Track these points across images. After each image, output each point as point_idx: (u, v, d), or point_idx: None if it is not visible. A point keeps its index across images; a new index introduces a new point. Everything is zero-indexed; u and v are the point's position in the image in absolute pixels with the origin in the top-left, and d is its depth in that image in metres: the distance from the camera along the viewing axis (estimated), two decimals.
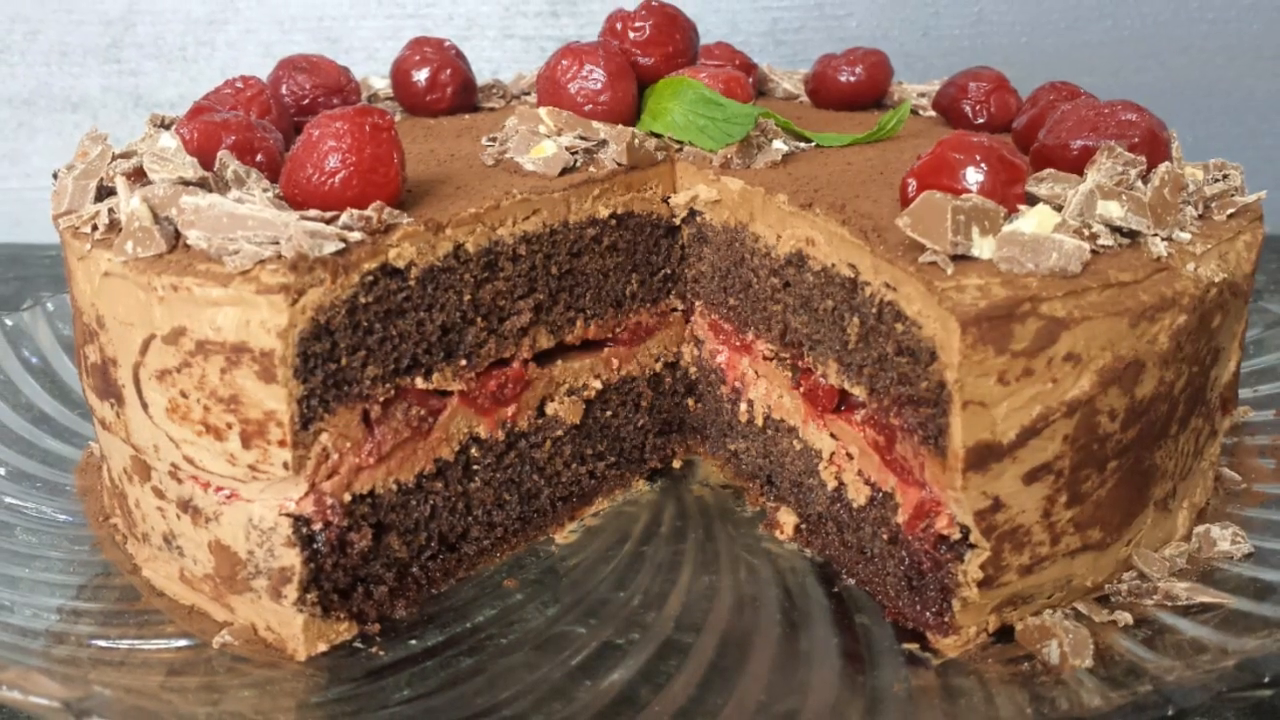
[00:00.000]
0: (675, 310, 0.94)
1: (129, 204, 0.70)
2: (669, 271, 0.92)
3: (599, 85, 0.89)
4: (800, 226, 0.79)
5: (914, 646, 0.72)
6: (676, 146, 0.90)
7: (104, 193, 0.76)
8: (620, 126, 0.87)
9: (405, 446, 0.76)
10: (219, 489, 0.71)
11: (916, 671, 0.69)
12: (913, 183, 0.70)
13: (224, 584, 0.73)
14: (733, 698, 0.67)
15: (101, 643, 0.71)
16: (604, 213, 0.85)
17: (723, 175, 0.86)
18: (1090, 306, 0.64)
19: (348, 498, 0.73)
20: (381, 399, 0.73)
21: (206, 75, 1.59)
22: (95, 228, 0.73)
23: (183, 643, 0.72)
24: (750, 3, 1.57)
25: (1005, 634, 0.71)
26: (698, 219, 0.90)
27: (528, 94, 1.09)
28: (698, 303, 0.94)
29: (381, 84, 1.07)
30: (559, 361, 0.87)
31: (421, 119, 1.01)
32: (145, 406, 0.71)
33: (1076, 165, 0.73)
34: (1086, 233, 0.67)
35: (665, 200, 0.90)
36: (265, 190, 0.71)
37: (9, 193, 1.68)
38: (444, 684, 0.69)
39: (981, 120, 0.96)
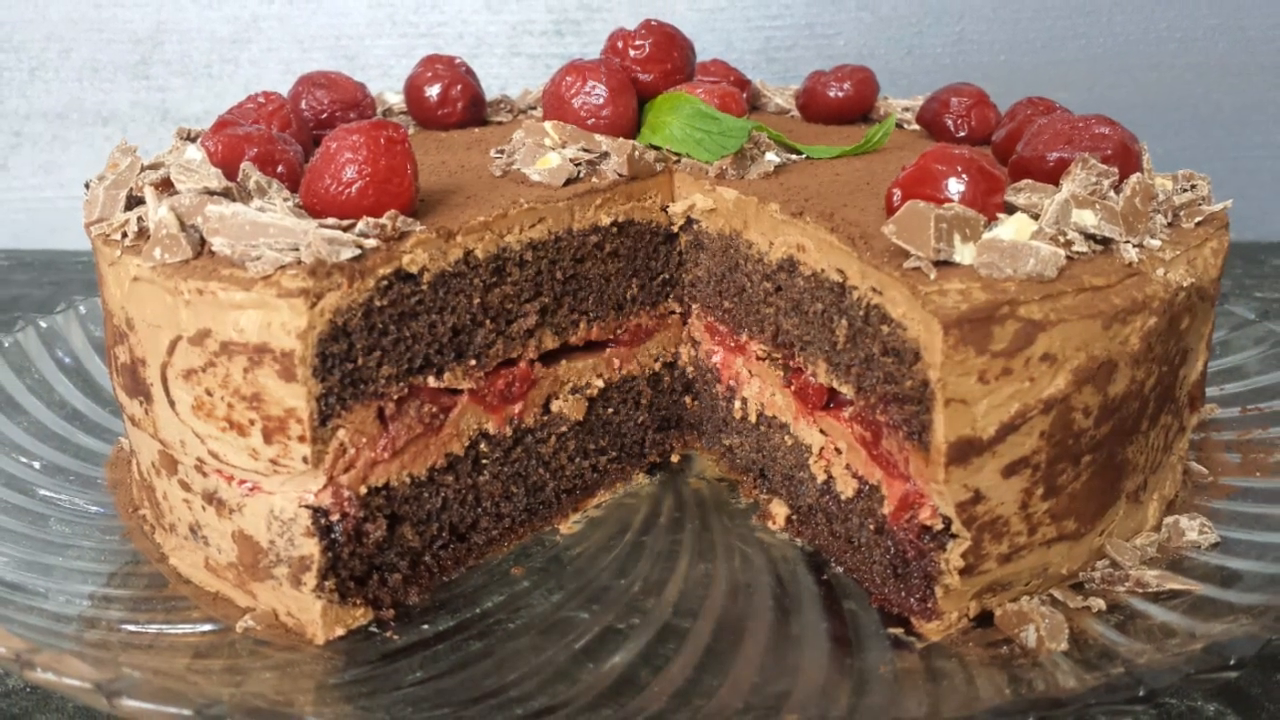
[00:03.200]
0: (673, 313, 0.94)
1: (157, 213, 0.70)
2: (667, 276, 0.92)
3: (601, 100, 0.88)
4: (791, 234, 0.79)
5: (899, 631, 0.72)
6: (674, 158, 0.90)
7: (133, 202, 0.75)
8: (621, 139, 0.87)
9: (418, 442, 0.76)
10: (242, 482, 0.71)
11: (901, 654, 0.69)
12: (898, 192, 0.70)
13: (246, 572, 0.73)
14: (727, 679, 0.67)
15: (131, 627, 0.71)
16: (606, 221, 0.85)
17: (718, 185, 0.86)
18: (1065, 309, 0.64)
19: (364, 490, 0.73)
20: (395, 397, 0.73)
21: (230, 91, 1.59)
22: (125, 235, 0.73)
23: (208, 627, 0.72)
24: (744, 22, 1.57)
25: (985, 619, 0.71)
26: (695, 226, 0.90)
27: (534, 108, 1.09)
28: (695, 306, 0.94)
29: (396, 99, 1.07)
30: (563, 361, 0.87)
31: (433, 132, 1.01)
32: (172, 404, 0.71)
33: (1052, 176, 0.73)
34: (1062, 240, 0.67)
35: (664, 209, 0.90)
36: (286, 200, 0.70)
37: (44, 202, 1.67)
38: (454, 666, 0.69)
39: (962, 134, 0.96)
